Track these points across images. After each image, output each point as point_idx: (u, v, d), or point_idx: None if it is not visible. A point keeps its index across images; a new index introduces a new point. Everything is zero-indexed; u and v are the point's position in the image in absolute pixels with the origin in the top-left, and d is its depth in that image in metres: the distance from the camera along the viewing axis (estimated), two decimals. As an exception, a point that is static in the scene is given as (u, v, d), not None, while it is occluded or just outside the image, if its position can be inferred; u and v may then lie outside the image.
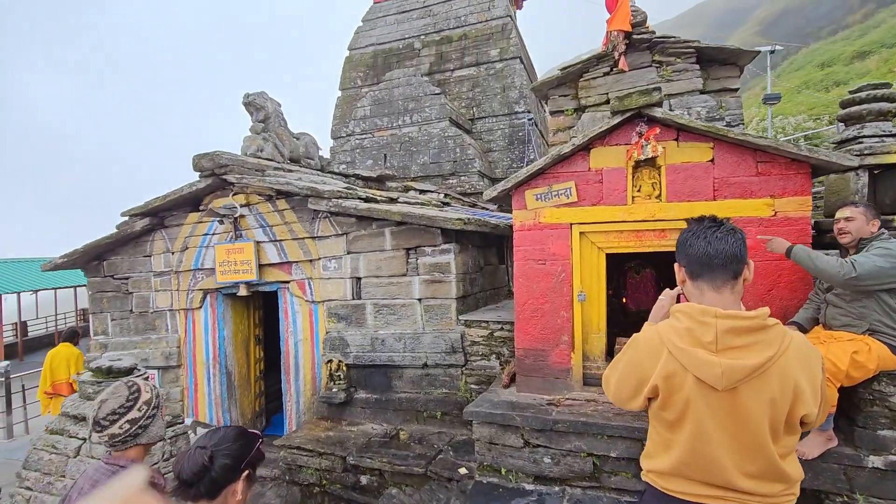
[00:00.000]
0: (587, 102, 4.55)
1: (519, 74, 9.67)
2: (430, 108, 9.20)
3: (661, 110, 3.09)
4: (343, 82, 11.54)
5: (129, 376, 1.92)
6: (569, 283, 3.55)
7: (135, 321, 5.84)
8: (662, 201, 3.31)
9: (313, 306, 5.10)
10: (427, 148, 9.13)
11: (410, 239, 4.67)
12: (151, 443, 1.71)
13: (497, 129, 9.69)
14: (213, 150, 5.00)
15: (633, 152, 3.21)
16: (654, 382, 1.35)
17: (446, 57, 10.45)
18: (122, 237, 5.63)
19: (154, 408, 1.71)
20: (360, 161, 9.71)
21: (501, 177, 9.58)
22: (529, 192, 3.60)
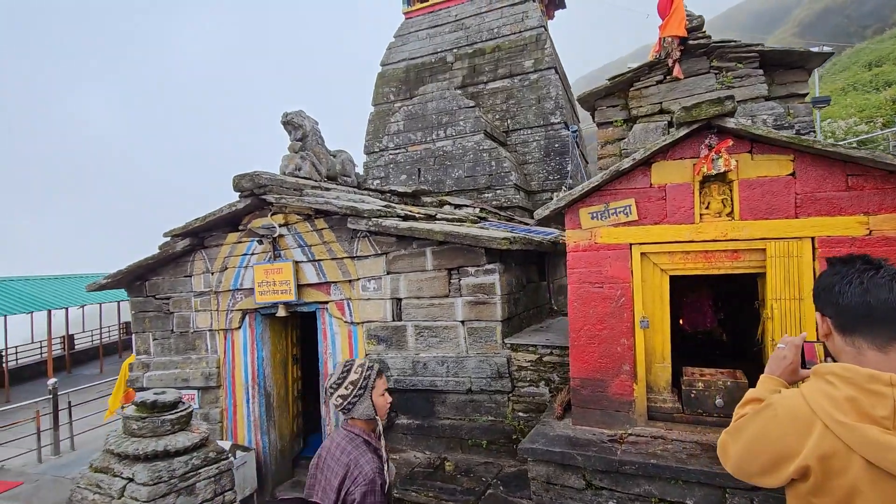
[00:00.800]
0: (638, 113, 4.29)
1: (554, 85, 9.46)
2: (465, 121, 9.09)
3: (733, 120, 2.83)
4: (375, 98, 11.60)
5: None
6: (629, 308, 3.29)
7: (176, 341, 5.86)
8: (735, 219, 3.03)
9: (352, 328, 4.97)
10: (461, 162, 9.00)
11: (453, 259, 4.50)
12: (364, 419, 1.94)
13: (532, 141, 9.48)
14: (252, 171, 4.98)
15: (701, 167, 2.95)
16: (805, 463, 1.11)
17: (479, 69, 10.36)
18: (163, 258, 5.68)
19: (360, 388, 1.92)
20: (393, 176, 9.66)
21: (537, 190, 9.35)
22: (584, 211, 3.38)
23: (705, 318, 5.05)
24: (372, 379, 1.98)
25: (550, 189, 9.15)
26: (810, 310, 2.84)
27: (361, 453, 1.87)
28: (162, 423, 2.34)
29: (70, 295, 15.39)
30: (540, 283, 5.99)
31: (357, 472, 1.82)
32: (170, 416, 2.37)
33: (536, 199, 9.35)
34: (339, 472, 1.84)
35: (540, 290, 5.98)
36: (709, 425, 3.16)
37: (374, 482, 1.80)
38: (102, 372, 15.56)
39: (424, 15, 11.53)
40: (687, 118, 2.89)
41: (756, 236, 2.96)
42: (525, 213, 8.91)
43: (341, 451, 1.90)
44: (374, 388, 1.97)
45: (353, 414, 1.94)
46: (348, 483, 1.81)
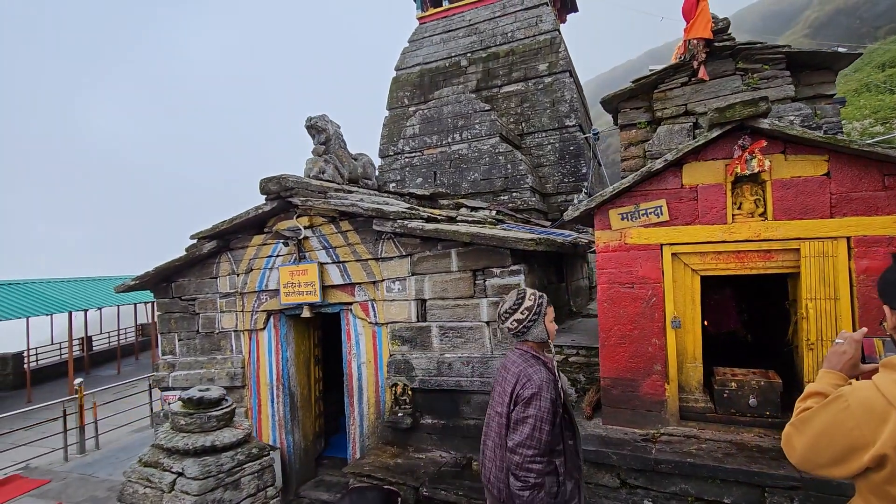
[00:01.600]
0: (663, 115, 4.30)
1: (569, 88, 9.48)
2: (480, 124, 9.13)
3: (767, 121, 2.84)
4: (390, 102, 11.68)
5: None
6: (660, 309, 3.29)
7: (201, 341, 5.93)
8: (768, 219, 3.03)
9: (377, 329, 5.01)
10: (477, 165, 9.04)
11: (478, 260, 4.53)
12: (538, 342, 2.18)
13: (547, 144, 9.50)
14: (279, 174, 5.05)
15: (735, 167, 2.96)
16: (881, 451, 1.12)
17: (493, 73, 10.40)
18: (189, 259, 5.76)
19: (535, 314, 2.16)
20: (409, 179, 9.72)
21: (552, 192, 9.35)
22: (614, 212, 3.39)
23: (729, 318, 5.04)
24: (544, 306, 2.21)
25: (566, 192, 9.16)
26: (846, 309, 2.84)
27: (530, 365, 2.12)
28: (209, 419, 2.39)
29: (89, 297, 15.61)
30: (559, 285, 6.00)
31: (525, 379, 2.08)
32: (216, 413, 2.42)
33: (552, 202, 9.36)
34: (511, 380, 2.13)
35: (560, 291, 5.99)
36: (742, 425, 3.15)
37: (542, 388, 2.04)
38: (120, 373, 15.74)
39: (438, 20, 11.61)
40: (720, 119, 2.91)
41: (790, 236, 2.95)
42: (541, 215, 8.92)
43: (513, 364, 2.18)
44: (545, 315, 2.20)
45: (527, 336, 2.20)
46: (518, 388, 2.08)
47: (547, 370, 2.11)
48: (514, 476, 2.01)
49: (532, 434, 2.00)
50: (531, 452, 1.99)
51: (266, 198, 5.25)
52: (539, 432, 2.00)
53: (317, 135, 5.81)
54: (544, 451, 2.02)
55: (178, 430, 2.35)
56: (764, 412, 3.10)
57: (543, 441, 2.01)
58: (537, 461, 1.99)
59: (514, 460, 2.01)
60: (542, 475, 2.00)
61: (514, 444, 2.03)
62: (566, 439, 2.15)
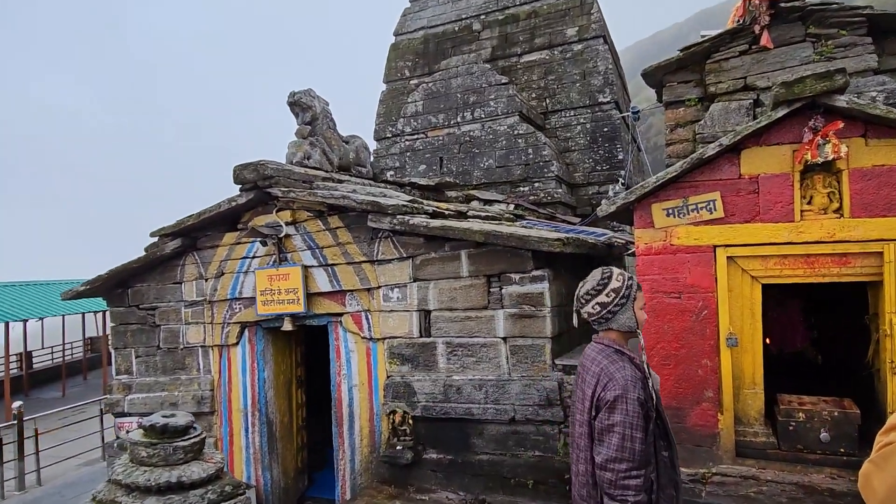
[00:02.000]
0: (717, 90, 4.30)
1: (603, 57, 9.48)
2: (496, 100, 9.16)
3: (844, 98, 2.83)
4: (388, 73, 11.73)
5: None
6: (713, 324, 3.30)
7: (162, 358, 6.00)
8: (845, 216, 3.02)
9: (371, 345, 5.05)
10: (492, 149, 9.06)
11: (493, 263, 4.55)
12: (624, 331, 2.20)
13: (576, 125, 9.50)
14: (256, 160, 5.11)
15: (804, 154, 2.96)
16: None
17: (512, 39, 10.43)
18: (149, 261, 5.83)
19: (622, 297, 2.17)
20: (410, 166, 9.76)
21: (582, 182, 9.36)
22: (657, 207, 3.40)
23: (796, 335, 5.02)
24: (634, 289, 2.22)
25: (598, 182, 9.15)
26: (939, 326, 2.82)
27: (612, 362, 2.12)
28: (174, 450, 2.43)
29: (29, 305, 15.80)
30: (591, 294, 6.01)
31: (607, 379, 2.08)
32: (182, 443, 2.46)
33: (581, 194, 9.36)
34: (591, 381, 2.14)
35: (591, 301, 5.99)
36: (811, 464, 3.14)
37: (627, 389, 2.03)
38: (65, 395, 15.92)
39: (446, -25, 11.65)
40: (787, 96, 2.91)
41: (871, 237, 2.95)
42: (568, 210, 8.92)
43: (592, 361, 2.20)
44: (635, 300, 2.21)
45: (612, 324, 2.21)
46: (599, 390, 2.09)
47: (634, 367, 2.11)
48: (608, 496, 2.01)
49: (622, 444, 2.00)
50: (625, 466, 1.99)
51: (240, 188, 5.31)
52: (631, 441, 2.00)
53: (301, 113, 5.87)
54: (641, 463, 2.02)
55: (139, 464, 2.39)
56: (837, 448, 3.09)
57: (638, 451, 2.00)
58: (633, 475, 1.99)
59: (605, 478, 2.02)
60: (642, 491, 1.99)
61: (603, 460, 2.03)
62: (659, 450, 2.14)
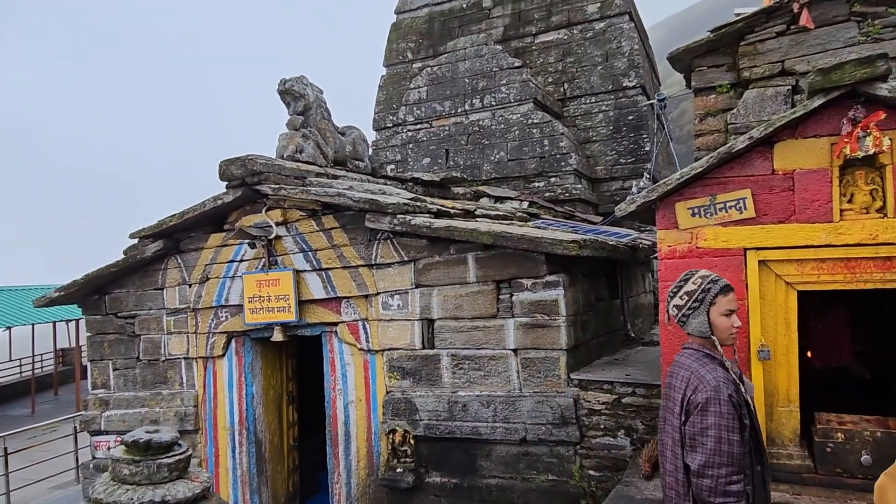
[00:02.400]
0: (752, 75, 4.34)
1: (628, 37, 9.53)
2: (508, 86, 9.24)
3: (887, 86, 2.88)
4: (388, 56, 11.86)
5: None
6: (743, 334, 3.35)
7: (142, 371, 6.13)
8: (889, 216, 3.06)
9: (369, 357, 5.14)
10: (504, 140, 9.14)
11: (503, 268, 4.62)
12: (698, 336, 2.32)
13: (598, 112, 9.56)
14: (244, 154, 5.22)
15: (843, 147, 3.01)
16: None
17: (526, 17, 10.51)
18: (128, 265, 5.96)
19: (696, 301, 2.30)
20: (413, 159, 9.86)
21: (604, 177, 9.41)
22: (682, 206, 3.46)
23: (841, 349, 5.04)
24: (712, 293, 2.29)
25: (622, 176, 9.20)
26: None
27: (702, 365, 2.23)
28: (158, 467, 2.51)
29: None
30: (612, 302, 6.07)
31: (697, 381, 2.18)
32: (167, 460, 2.54)
33: (603, 190, 9.41)
34: (681, 386, 2.24)
35: (612, 310, 6.05)
36: (851, 489, 3.18)
37: (720, 390, 2.11)
38: (35, 412, 16.17)
39: (453, -53, 11.75)
40: (824, 83, 2.96)
41: (917, 239, 2.99)
42: (588, 207, 8.98)
43: (680, 366, 2.31)
44: (713, 304, 2.28)
45: (687, 328, 2.35)
46: (689, 393, 2.19)
47: (725, 370, 2.21)
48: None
49: (719, 448, 2.05)
50: (724, 472, 2.04)
51: (227, 185, 5.43)
52: (728, 444, 2.05)
53: (293, 102, 5.98)
54: (740, 467, 2.06)
55: (121, 482, 2.48)
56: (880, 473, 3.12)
57: (736, 454, 2.06)
58: (734, 480, 2.04)
59: (704, 485, 2.08)
60: (743, 499, 2.04)
61: (699, 466, 2.09)
62: (752, 464, 2.18)
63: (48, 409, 16.28)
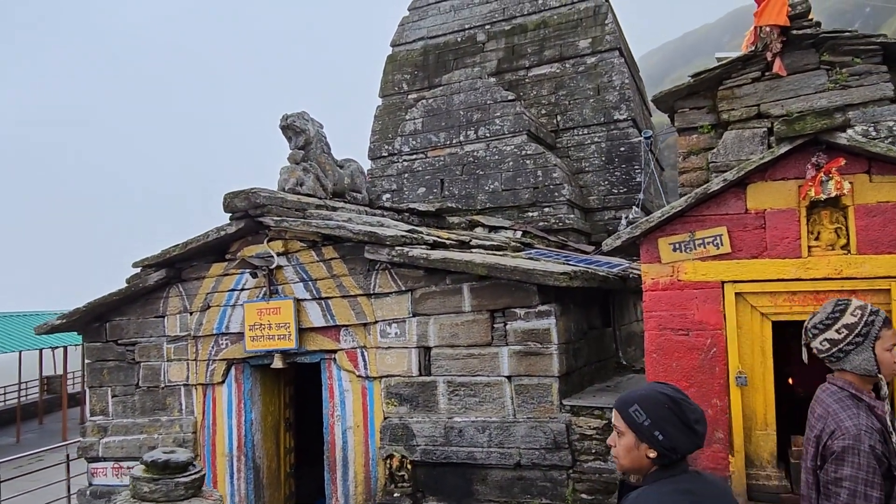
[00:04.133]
0: (730, 117, 4.72)
1: (618, 71, 9.99)
2: (502, 118, 9.64)
3: (846, 135, 3.23)
4: (384, 87, 12.29)
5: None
6: (722, 362, 3.65)
7: (141, 398, 6.33)
8: (851, 253, 3.39)
9: (368, 383, 5.38)
10: (498, 170, 9.51)
11: (497, 297, 4.91)
12: (860, 374, 2.16)
13: (590, 144, 9.97)
14: (248, 188, 5.52)
15: (808, 190, 3.35)
16: None
17: (519, 51, 10.98)
18: (131, 293, 6.21)
19: (858, 335, 2.17)
20: (409, 189, 10.20)
21: (597, 207, 9.77)
22: (664, 241, 3.78)
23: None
24: (876, 326, 2.19)
25: (615, 206, 9.56)
26: (948, 365, 3.16)
27: (844, 408, 2.13)
28: (176, 485, 2.76)
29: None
30: (604, 330, 6.36)
31: (834, 425, 2.09)
32: (183, 479, 2.79)
33: (596, 220, 9.76)
34: (816, 426, 2.19)
35: (604, 338, 6.34)
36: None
37: (860, 439, 2.02)
38: (20, 441, 16.14)
39: (448, -18, 12.29)
40: (789, 132, 3.31)
41: (878, 274, 3.32)
42: (581, 237, 9.32)
43: (820, 402, 2.24)
44: (878, 339, 2.18)
45: (844, 364, 2.21)
46: (825, 436, 2.12)
47: (871, 416, 2.09)
48: None
49: (852, 503, 1.99)
50: None
51: (230, 216, 5.72)
52: (864, 500, 1.98)
53: (294, 137, 6.31)
54: None
55: (141, 499, 2.71)
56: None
57: None
58: None
59: None
60: None
61: None
62: None
63: (33, 439, 16.26)
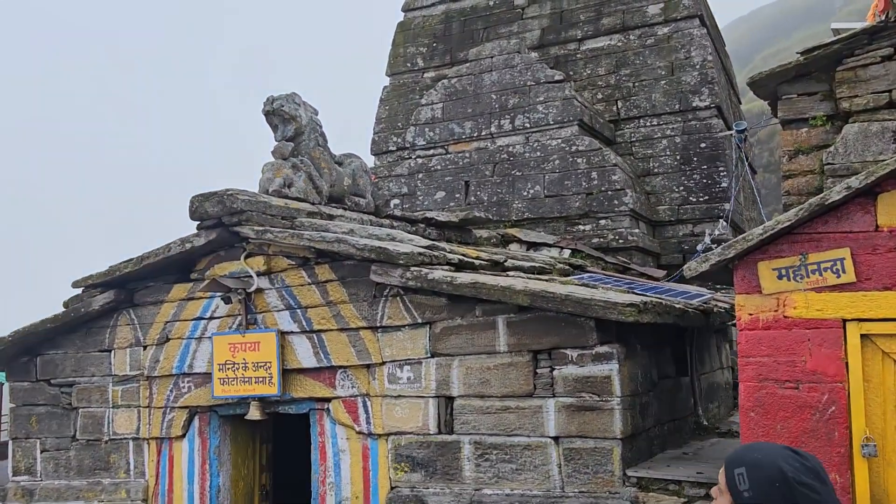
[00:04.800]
0: (852, 106, 4.64)
1: (699, 45, 9.98)
2: (546, 104, 9.64)
3: None
4: (393, 63, 12.38)
5: None
6: (843, 425, 3.56)
7: (78, 454, 6.34)
8: None
9: (370, 442, 5.34)
10: (540, 171, 9.49)
11: (541, 335, 4.86)
12: None
13: (660, 138, 9.93)
14: (222, 189, 5.55)
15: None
16: None
17: (569, 18, 11.01)
18: (69, 320, 6.26)
19: None
20: (423, 193, 10.20)
21: (668, 220, 9.69)
22: (766, 266, 3.73)
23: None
24: None
25: (692, 219, 9.48)
26: None
27: None
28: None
29: None
30: (679, 380, 6.27)
31: None
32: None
33: (667, 236, 9.68)
34: None
35: (679, 390, 6.25)
36: None
37: None
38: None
39: (479, -70, 12.40)
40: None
41: None
42: (647, 257, 9.24)
43: None
44: None
45: None
46: None
47: None
48: None
49: None
50: None
51: (199, 225, 5.74)
52: None
53: (281, 126, 6.35)
54: None
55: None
56: None
57: None
58: None
59: None
60: None
61: None
62: None
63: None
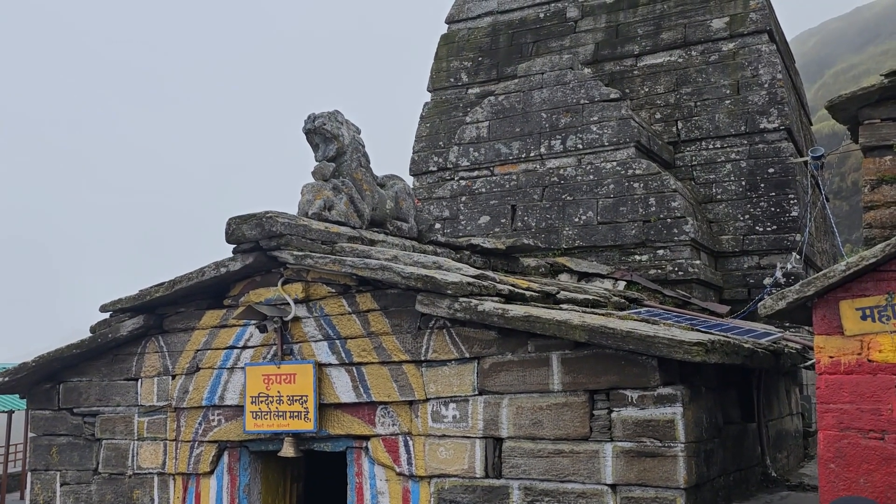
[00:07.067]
0: (943, 133, 4.65)
1: (767, 61, 9.99)
2: (601, 124, 9.70)
3: None
4: (436, 78, 12.55)
5: None
6: (934, 482, 3.55)
7: (100, 489, 6.47)
8: None
9: (412, 485, 5.38)
10: (593, 196, 9.53)
11: (599, 373, 4.89)
12: None
13: (724, 162, 9.92)
14: (262, 211, 5.69)
15: None
16: None
17: (625, 32, 11.10)
18: (95, 346, 6.43)
19: None
20: (466, 217, 10.29)
21: (732, 250, 9.65)
22: (848, 305, 3.73)
23: None
24: None
25: (759, 250, 9.43)
26: None
27: None
28: None
29: None
30: (745, 426, 6.23)
31: None
32: None
33: (730, 268, 9.64)
34: None
35: (745, 437, 6.20)
36: None
37: None
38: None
39: (529, -62, 12.58)
40: None
41: None
42: (709, 291, 9.20)
43: None
44: None
45: None
46: None
47: None
48: None
49: None
50: None
51: (235, 248, 5.89)
52: None
53: (322, 145, 6.49)
54: None
55: None
56: None
57: None
58: None
59: None
60: None
61: None
62: None
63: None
